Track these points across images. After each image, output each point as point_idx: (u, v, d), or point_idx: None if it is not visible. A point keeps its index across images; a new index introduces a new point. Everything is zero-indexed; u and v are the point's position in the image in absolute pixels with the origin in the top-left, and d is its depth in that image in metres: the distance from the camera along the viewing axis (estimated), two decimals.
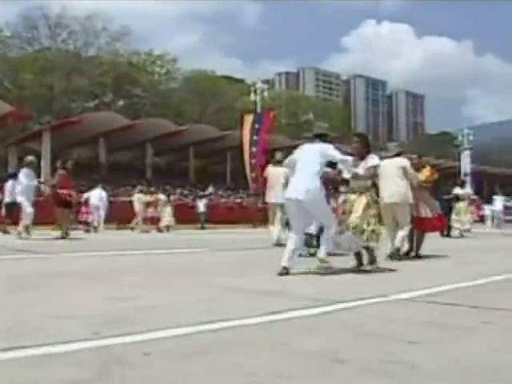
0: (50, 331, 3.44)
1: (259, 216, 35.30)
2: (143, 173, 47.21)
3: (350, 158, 7.23)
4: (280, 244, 11.40)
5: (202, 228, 30.12)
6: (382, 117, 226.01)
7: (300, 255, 7.78)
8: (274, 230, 12.49)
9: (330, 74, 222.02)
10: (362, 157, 7.50)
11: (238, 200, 42.38)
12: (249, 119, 37.86)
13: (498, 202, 33.43)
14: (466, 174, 59.39)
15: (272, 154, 13.85)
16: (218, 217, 33.23)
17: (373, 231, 7.19)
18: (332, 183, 7.89)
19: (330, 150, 7.06)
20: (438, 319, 4.18)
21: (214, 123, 54.32)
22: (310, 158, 7.01)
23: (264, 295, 5.21)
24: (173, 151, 53.24)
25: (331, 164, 7.30)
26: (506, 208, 35.30)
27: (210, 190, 39.66)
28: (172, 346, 3.19)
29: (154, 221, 24.44)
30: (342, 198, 7.48)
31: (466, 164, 59.79)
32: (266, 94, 38.67)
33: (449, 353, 3.19)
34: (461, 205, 20.15)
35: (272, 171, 12.92)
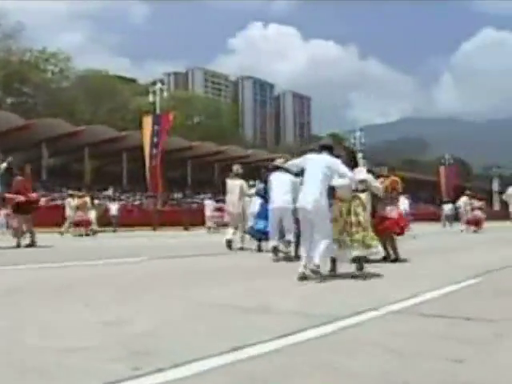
0: (80, 371, 3.09)
1: (158, 219, 35.03)
2: (39, 175, 45.25)
3: (352, 174, 7.57)
4: (242, 248, 13.03)
5: (114, 231, 29.36)
6: (269, 118, 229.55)
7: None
8: (235, 234, 13.38)
9: (218, 75, 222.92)
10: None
11: (137, 202, 41.58)
12: (148, 121, 37.28)
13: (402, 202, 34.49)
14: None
15: (230, 168, 14.59)
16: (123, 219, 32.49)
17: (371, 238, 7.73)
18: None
19: (337, 165, 7.32)
20: (450, 332, 4.19)
21: (107, 123, 52.96)
22: (318, 170, 7.23)
23: (251, 312, 5.02)
24: (68, 152, 51.40)
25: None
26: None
27: (110, 192, 38.73)
28: (222, 380, 2.97)
29: (84, 224, 23.97)
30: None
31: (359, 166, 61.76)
32: (165, 94, 38.06)
33: (501, 368, 3.20)
34: None
35: (230, 183, 13.68)
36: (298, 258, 8.87)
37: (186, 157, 54.95)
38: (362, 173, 7.75)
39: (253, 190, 13.39)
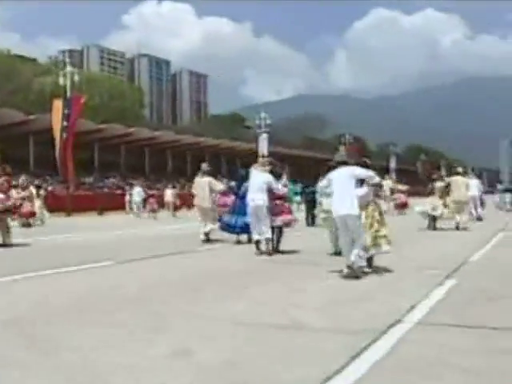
0: None
1: (71, 204, 34.26)
2: None
3: (373, 174, 8.68)
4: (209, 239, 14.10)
5: None
6: (166, 96, 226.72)
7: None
8: (205, 228, 14.33)
9: (114, 53, 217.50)
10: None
11: (50, 188, 40.32)
12: (58, 104, 36.14)
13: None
14: (263, 156, 61.92)
15: (199, 166, 15.34)
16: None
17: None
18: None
19: (357, 170, 8.57)
20: (493, 345, 4.71)
21: (8, 105, 50.69)
22: (345, 180, 8.40)
23: (291, 331, 5.32)
24: None
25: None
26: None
27: (23, 178, 37.18)
28: None
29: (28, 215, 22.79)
30: None
31: (263, 147, 61.89)
32: (76, 78, 36.85)
33: None
34: None
35: (198, 181, 14.67)
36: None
37: (94, 139, 53.65)
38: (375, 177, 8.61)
39: (222, 187, 14.72)
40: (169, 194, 32.36)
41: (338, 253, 9.71)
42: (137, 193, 32.01)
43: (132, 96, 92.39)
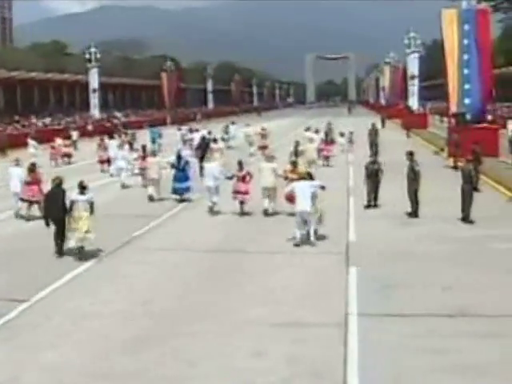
0: None
1: None
2: None
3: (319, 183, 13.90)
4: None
5: None
6: None
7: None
8: (154, 191, 19.53)
9: None
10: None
11: None
12: None
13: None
14: (94, 90, 63.75)
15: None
16: None
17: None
18: None
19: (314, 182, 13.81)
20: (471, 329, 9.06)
21: None
22: (305, 188, 13.38)
23: (305, 328, 8.94)
24: None
25: None
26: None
27: None
28: None
29: None
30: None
31: (94, 80, 63.17)
32: None
33: None
34: None
35: (150, 160, 20.61)
36: None
37: None
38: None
39: (166, 164, 20.13)
40: None
41: None
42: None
43: None
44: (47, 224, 12.80)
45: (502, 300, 9.51)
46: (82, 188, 12.78)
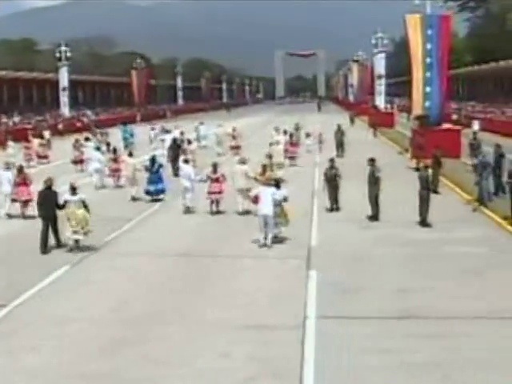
0: None
1: None
2: None
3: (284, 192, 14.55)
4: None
5: None
6: None
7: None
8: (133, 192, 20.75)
9: None
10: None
11: None
12: None
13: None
14: (64, 89, 63.54)
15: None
16: None
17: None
18: None
19: (278, 191, 14.27)
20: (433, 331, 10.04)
21: None
22: (267, 194, 14.04)
23: (277, 331, 9.75)
24: None
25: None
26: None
27: None
28: None
29: None
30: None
31: (64, 78, 62.84)
32: None
33: None
34: None
35: (128, 160, 21.88)
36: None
37: None
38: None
39: (141, 167, 21.12)
40: None
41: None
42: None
43: None
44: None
45: (451, 302, 10.25)
46: (73, 189, 13.94)
